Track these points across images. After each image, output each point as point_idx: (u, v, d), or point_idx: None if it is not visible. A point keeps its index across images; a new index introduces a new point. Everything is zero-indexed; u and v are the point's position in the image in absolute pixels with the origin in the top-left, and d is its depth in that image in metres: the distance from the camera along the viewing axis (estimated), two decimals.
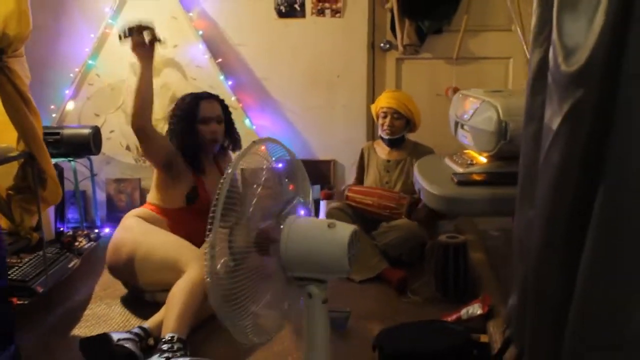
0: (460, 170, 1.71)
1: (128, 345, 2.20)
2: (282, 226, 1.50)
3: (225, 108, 2.92)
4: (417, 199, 3.23)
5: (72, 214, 3.96)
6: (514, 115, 1.46)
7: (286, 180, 1.62)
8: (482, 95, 1.65)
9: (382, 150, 3.49)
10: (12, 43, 2.31)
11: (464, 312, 2.45)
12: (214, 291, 1.44)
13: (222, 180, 1.47)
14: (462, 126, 1.77)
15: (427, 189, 1.77)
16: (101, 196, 4.06)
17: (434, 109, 3.79)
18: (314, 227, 1.51)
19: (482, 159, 1.72)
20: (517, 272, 1.32)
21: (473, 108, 1.66)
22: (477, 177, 1.69)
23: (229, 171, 1.47)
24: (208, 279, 1.43)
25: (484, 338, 2.31)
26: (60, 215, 3.73)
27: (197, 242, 2.60)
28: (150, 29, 2.55)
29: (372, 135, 4.03)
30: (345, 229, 1.50)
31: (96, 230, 3.69)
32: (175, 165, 2.76)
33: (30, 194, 2.60)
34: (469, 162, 1.76)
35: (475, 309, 2.45)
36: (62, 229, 3.68)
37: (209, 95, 2.90)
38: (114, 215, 4.00)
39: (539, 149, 1.06)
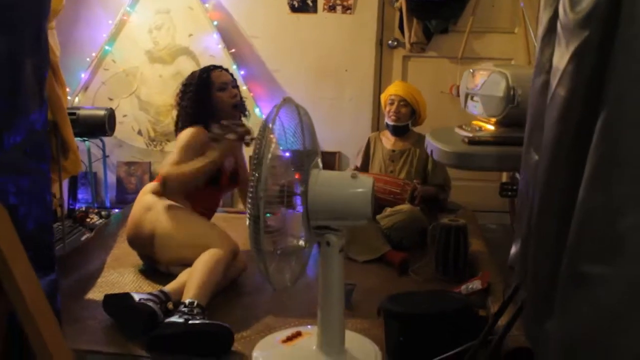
0: (470, 135, 1.84)
1: (150, 304, 2.29)
2: (308, 177, 1.62)
3: (232, 76, 2.99)
4: (420, 186, 3.39)
5: (82, 195, 4.06)
6: (522, 81, 1.59)
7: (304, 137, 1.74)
8: (491, 67, 1.79)
9: (387, 141, 3.61)
10: None
11: (464, 288, 2.57)
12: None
13: (265, 129, 1.58)
14: (472, 98, 1.90)
15: (440, 148, 1.90)
16: (112, 178, 4.17)
17: (438, 105, 3.93)
18: (339, 177, 1.64)
19: (490, 127, 1.85)
20: (520, 223, 1.44)
21: (483, 79, 1.79)
22: (486, 139, 1.82)
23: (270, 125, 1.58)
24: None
25: (482, 312, 2.43)
26: (72, 194, 3.84)
27: (212, 209, 2.71)
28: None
29: (377, 129, 4.16)
30: (366, 179, 1.63)
31: (107, 208, 3.80)
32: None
33: (52, 163, 2.70)
34: (477, 129, 1.89)
35: (475, 284, 2.56)
36: (74, 207, 3.78)
37: (215, 66, 2.97)
38: (124, 197, 4.12)
39: (546, 100, 1.18)
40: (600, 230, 1.02)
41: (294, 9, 4.08)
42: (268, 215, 1.73)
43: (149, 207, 2.74)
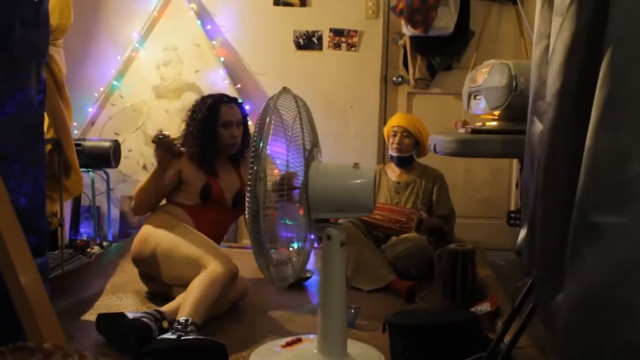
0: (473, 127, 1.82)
1: (145, 319, 2.23)
2: (308, 169, 1.59)
3: (243, 111, 3.01)
4: (426, 215, 3.34)
5: (84, 229, 4.02)
6: (524, 70, 1.57)
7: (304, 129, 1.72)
8: (493, 62, 1.78)
9: (392, 173, 3.59)
10: (53, 31, 2.46)
11: (473, 310, 2.48)
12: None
13: (267, 120, 1.56)
14: (475, 97, 1.88)
15: (444, 138, 1.87)
16: (115, 212, 4.14)
17: None
18: (340, 167, 1.60)
19: (493, 123, 1.83)
20: (526, 207, 1.39)
21: (486, 73, 1.78)
22: (489, 128, 1.79)
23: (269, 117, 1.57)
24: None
25: (491, 335, 2.34)
26: (74, 227, 3.81)
27: (217, 232, 2.66)
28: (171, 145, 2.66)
29: (382, 163, 4.14)
30: (368, 169, 1.60)
31: (110, 241, 3.75)
32: (184, 175, 2.82)
33: (54, 181, 2.69)
34: (480, 124, 1.86)
35: (484, 306, 2.48)
36: (75, 238, 3.74)
37: (229, 99, 2.98)
38: (126, 232, 4.08)
39: (547, 65, 1.16)
40: (609, 177, 0.97)
41: (299, 47, 4.15)
42: (272, 250, 1.69)
43: (156, 224, 2.74)
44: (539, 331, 2.14)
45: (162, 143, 2.61)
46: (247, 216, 1.61)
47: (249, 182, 1.59)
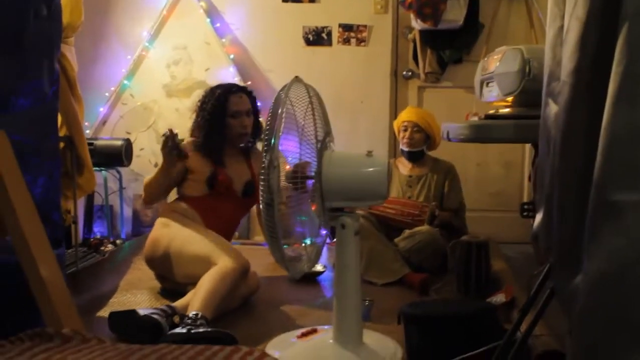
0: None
1: (155, 316, 2.24)
2: (321, 158, 1.58)
3: (253, 100, 3.00)
4: (438, 209, 3.32)
5: (98, 228, 4.04)
6: (537, 54, 1.56)
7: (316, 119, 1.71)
8: (505, 48, 1.77)
9: (403, 167, 3.57)
10: (64, 29, 2.47)
11: (488, 301, 2.47)
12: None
13: (279, 111, 1.56)
14: (487, 84, 1.87)
15: (456, 125, 1.86)
16: (127, 211, 4.16)
17: None
18: (353, 156, 1.60)
19: (506, 110, 1.81)
20: (541, 192, 1.38)
21: (498, 60, 1.77)
22: (502, 114, 1.78)
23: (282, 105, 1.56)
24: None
25: (508, 326, 2.32)
26: (88, 225, 3.83)
27: (228, 226, 2.66)
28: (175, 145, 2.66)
29: (393, 157, 4.13)
30: (382, 157, 1.60)
31: (123, 239, 3.77)
32: (191, 165, 2.83)
33: (67, 179, 2.70)
34: (493, 112, 1.85)
35: (499, 297, 2.46)
36: (89, 237, 3.76)
37: (239, 89, 2.96)
38: (139, 231, 4.09)
39: (561, 44, 1.15)
40: (628, 153, 0.95)
41: (308, 43, 4.15)
42: (286, 246, 1.68)
43: (167, 224, 2.75)
44: (555, 319, 2.13)
45: (166, 143, 2.62)
46: (261, 206, 1.61)
47: (262, 171, 1.59)
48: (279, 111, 1.57)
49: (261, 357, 0.85)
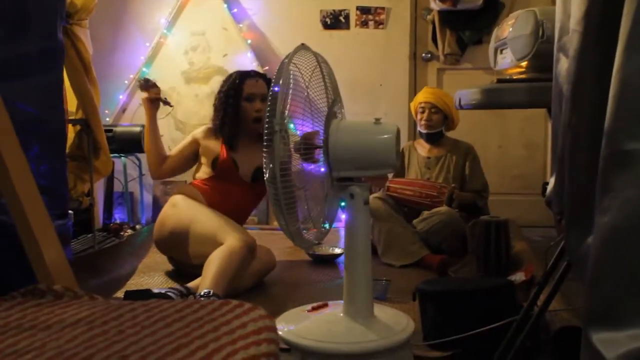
0: None
1: (170, 294, 2.25)
2: (330, 126, 1.55)
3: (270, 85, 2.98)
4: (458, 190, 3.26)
5: (118, 214, 4.07)
6: (551, 15, 1.50)
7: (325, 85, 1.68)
8: (519, 12, 1.72)
9: (422, 148, 3.52)
10: (78, 11, 2.49)
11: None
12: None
13: (280, 82, 1.53)
14: (501, 51, 1.82)
15: (469, 90, 1.81)
16: (147, 198, 4.18)
17: (476, 117, 3.84)
18: (361, 123, 1.57)
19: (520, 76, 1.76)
20: (555, 154, 1.34)
21: (511, 25, 1.72)
22: (515, 77, 1.73)
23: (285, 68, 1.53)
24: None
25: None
26: (108, 212, 3.86)
27: (237, 209, 2.68)
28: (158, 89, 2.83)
29: (413, 139, 4.08)
30: (391, 124, 1.56)
31: (143, 225, 3.79)
32: (201, 148, 2.89)
33: (84, 162, 2.72)
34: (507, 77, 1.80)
35: (519, 276, 2.41)
36: (109, 222, 3.79)
37: (256, 74, 2.96)
38: None
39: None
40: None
41: (326, 26, 4.11)
42: (305, 230, 1.65)
43: (174, 204, 2.78)
44: (575, 295, 2.07)
45: (142, 86, 2.81)
46: (265, 177, 1.58)
47: (265, 137, 1.56)
48: (281, 80, 1.53)
49: (251, 309, 0.83)
